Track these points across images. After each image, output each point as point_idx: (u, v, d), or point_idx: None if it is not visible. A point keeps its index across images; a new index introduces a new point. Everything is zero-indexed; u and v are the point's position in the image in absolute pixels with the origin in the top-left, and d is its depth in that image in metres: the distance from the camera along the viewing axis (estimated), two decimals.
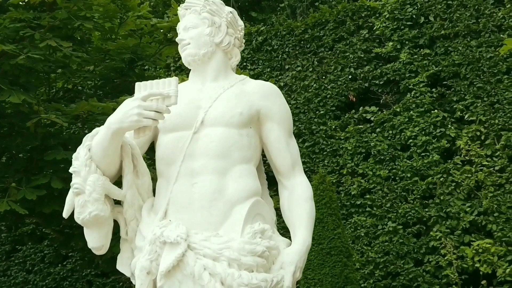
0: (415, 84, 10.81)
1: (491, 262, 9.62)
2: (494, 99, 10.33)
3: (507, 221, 9.74)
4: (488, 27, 10.69)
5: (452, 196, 10.17)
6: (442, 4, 11.05)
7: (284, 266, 3.57)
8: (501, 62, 10.41)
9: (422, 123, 10.57)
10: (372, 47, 11.42)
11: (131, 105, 3.53)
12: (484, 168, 10.08)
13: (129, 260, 3.78)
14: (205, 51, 3.95)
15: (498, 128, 10.18)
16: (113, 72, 8.00)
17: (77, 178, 3.61)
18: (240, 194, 3.64)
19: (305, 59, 11.85)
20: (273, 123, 3.90)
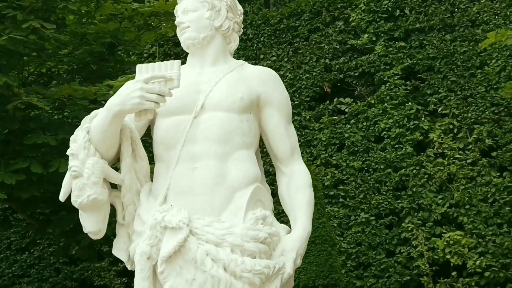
0: (390, 77, 10.88)
1: (462, 254, 9.76)
2: (467, 93, 10.45)
3: (478, 213, 9.89)
4: (462, 21, 10.81)
5: (424, 188, 10.27)
6: None
7: (285, 253, 3.54)
8: (474, 56, 10.54)
9: (396, 115, 10.65)
10: (348, 39, 11.45)
11: (133, 87, 3.46)
12: (456, 161, 10.21)
13: (125, 245, 3.72)
14: (204, 35, 3.90)
15: (471, 122, 10.31)
16: (91, 56, 7.85)
17: (75, 161, 3.54)
18: (242, 180, 3.60)
19: (280, 49, 11.83)
20: (273, 109, 3.87)
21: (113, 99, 3.53)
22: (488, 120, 10.23)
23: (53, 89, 6.55)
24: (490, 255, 9.64)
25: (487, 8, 10.71)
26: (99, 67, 8.00)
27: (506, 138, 10.05)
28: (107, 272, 11.45)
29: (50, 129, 6.55)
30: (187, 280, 3.36)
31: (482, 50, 10.52)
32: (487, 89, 10.36)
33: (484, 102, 10.30)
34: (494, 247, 9.68)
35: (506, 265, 9.62)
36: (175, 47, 12.50)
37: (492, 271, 9.60)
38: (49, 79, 8.48)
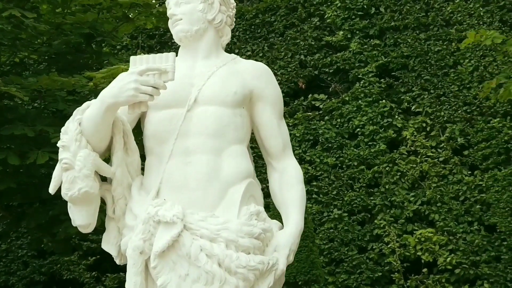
0: (364, 74, 10.93)
1: (433, 251, 9.87)
2: (440, 92, 10.56)
3: (449, 211, 10.01)
4: (437, 21, 10.91)
5: (397, 186, 10.36)
6: None
7: (278, 249, 3.53)
8: (448, 56, 10.65)
9: (370, 112, 10.71)
10: (323, 35, 11.47)
11: (128, 79, 3.40)
12: (428, 159, 10.31)
13: (115, 239, 3.66)
14: (197, 28, 3.86)
15: (444, 121, 10.42)
16: (67, 47, 7.71)
17: (66, 153, 3.47)
18: (236, 175, 3.58)
19: (255, 44, 11.80)
20: (265, 104, 3.85)
21: (107, 90, 3.47)
22: (461, 119, 10.36)
23: (31, 79, 6.43)
24: (461, 253, 9.77)
25: (461, 8, 10.83)
26: (75, 58, 7.86)
27: (478, 137, 10.19)
28: (77, 266, 11.31)
29: (27, 120, 6.42)
30: (180, 275, 3.32)
31: (456, 50, 10.65)
32: (460, 88, 10.48)
33: (457, 101, 10.42)
34: (464, 244, 9.82)
35: (476, 262, 9.76)
36: (149, 39, 12.39)
37: (462, 268, 9.74)
38: (22, 69, 8.31)
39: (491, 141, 10.12)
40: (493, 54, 10.40)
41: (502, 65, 10.22)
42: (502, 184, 9.85)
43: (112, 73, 5.89)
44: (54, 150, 6.42)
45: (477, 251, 9.80)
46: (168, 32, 12.23)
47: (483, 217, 9.91)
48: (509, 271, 9.62)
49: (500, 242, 9.75)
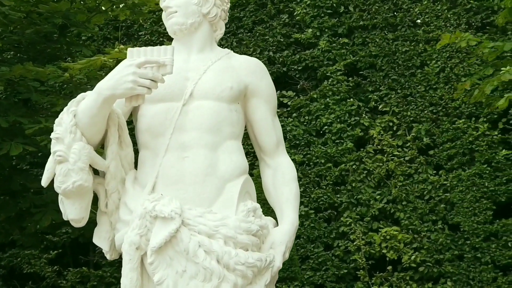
0: (333, 72, 10.98)
1: (397, 249, 9.99)
2: (407, 92, 10.68)
3: (414, 210, 10.14)
4: (404, 21, 11.02)
5: (363, 184, 10.45)
6: None
7: (274, 246, 3.52)
8: (415, 56, 10.77)
9: (338, 110, 10.77)
10: (292, 32, 11.48)
11: (126, 72, 3.34)
12: (395, 158, 10.42)
13: (107, 233, 3.61)
14: (192, 21, 3.82)
15: (410, 120, 10.55)
16: (38, 36, 7.55)
17: (60, 145, 3.40)
18: (232, 170, 3.56)
19: (224, 39, 11.72)
20: (260, 100, 3.84)
21: (104, 82, 3.40)
22: (427, 119, 10.49)
23: (3, 68, 6.26)
24: (425, 251, 9.91)
25: (429, 10, 10.96)
26: (44, 47, 7.71)
27: (443, 137, 10.34)
28: (38, 260, 11.10)
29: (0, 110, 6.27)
30: (178, 271, 3.29)
31: (422, 51, 10.78)
32: (426, 88, 10.61)
33: (423, 102, 10.55)
34: (428, 243, 9.96)
35: (440, 260, 9.92)
36: (115, 31, 12.22)
37: (426, 266, 9.88)
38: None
39: (456, 141, 10.28)
40: (459, 56, 10.57)
41: (468, 66, 10.40)
42: (466, 184, 10.03)
43: (90, 64, 5.78)
44: (28, 141, 6.32)
45: (441, 249, 9.95)
46: (135, 24, 12.10)
47: (447, 216, 10.07)
48: (471, 270, 9.80)
49: (463, 241, 9.92)
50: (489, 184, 9.96)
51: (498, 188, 9.94)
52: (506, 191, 9.91)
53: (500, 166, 10.03)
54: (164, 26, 11.73)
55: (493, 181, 9.99)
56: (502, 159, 10.02)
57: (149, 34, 11.98)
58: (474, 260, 9.83)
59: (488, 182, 9.98)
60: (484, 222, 9.89)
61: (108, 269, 10.88)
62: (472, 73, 10.26)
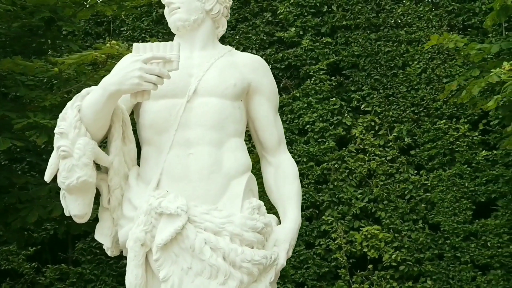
0: (315, 71, 11.01)
1: (378, 248, 10.05)
2: (389, 92, 10.75)
3: (395, 209, 10.21)
4: (387, 22, 11.09)
5: (345, 183, 10.49)
6: None
7: (278, 244, 3.54)
8: (397, 57, 10.85)
9: (320, 109, 10.80)
10: (275, 31, 11.48)
11: (132, 67, 3.32)
12: (376, 157, 10.48)
13: (109, 230, 3.60)
14: (195, 17, 3.82)
15: (392, 120, 10.62)
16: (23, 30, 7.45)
17: (64, 140, 3.37)
18: (237, 168, 3.57)
19: None
20: (262, 97, 3.86)
21: (110, 78, 3.39)
22: (408, 119, 10.57)
23: None
24: (405, 250, 9.99)
25: (411, 11, 11.04)
26: (29, 42, 7.61)
27: (424, 137, 10.43)
28: (16, 256, 10.96)
29: None
30: (183, 268, 3.29)
31: (405, 51, 10.85)
32: (408, 89, 10.69)
33: (405, 102, 10.63)
34: (409, 242, 10.04)
35: (420, 259, 10.01)
36: (97, 26, 12.11)
37: (406, 265, 9.96)
38: None
39: (437, 142, 10.38)
40: (441, 57, 10.67)
41: (449, 68, 10.51)
42: (446, 184, 10.13)
43: (82, 60, 5.73)
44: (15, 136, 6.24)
45: (421, 248, 10.04)
46: (117, 19, 12.01)
47: (427, 216, 10.16)
48: (451, 269, 9.90)
49: (443, 241, 10.02)
50: (469, 185, 10.07)
51: (478, 188, 10.06)
52: (486, 191, 10.03)
53: (480, 166, 10.14)
54: (146, 22, 11.65)
55: (473, 182, 10.10)
56: (482, 160, 10.14)
57: (131, 30, 11.90)
58: (453, 259, 9.94)
59: (468, 182, 10.09)
60: (463, 222, 10.01)
61: (87, 266, 10.80)
62: (453, 74, 10.42)
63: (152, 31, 11.89)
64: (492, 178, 10.07)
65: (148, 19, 11.88)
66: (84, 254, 10.85)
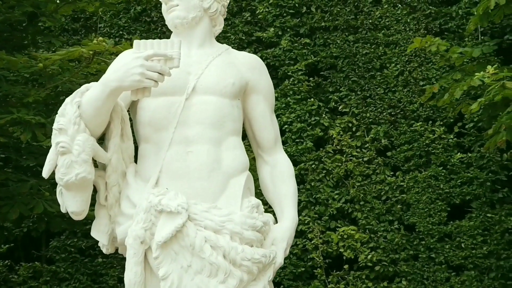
0: (294, 72, 11.05)
1: (354, 248, 10.13)
2: (367, 94, 10.84)
3: (371, 210, 10.30)
4: (365, 24, 11.17)
5: (322, 183, 10.55)
6: None
7: (276, 243, 3.55)
8: (375, 59, 10.94)
9: (298, 110, 10.84)
10: (254, 31, 11.50)
11: (134, 64, 3.31)
12: (353, 158, 10.56)
13: (106, 227, 3.57)
14: (194, 15, 3.81)
15: (369, 122, 10.71)
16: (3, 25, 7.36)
17: (63, 136, 3.34)
18: (236, 166, 3.58)
19: None
20: (259, 96, 3.87)
21: (111, 74, 3.37)
22: (385, 121, 10.67)
23: None
24: (381, 250, 10.09)
25: (389, 14, 11.14)
26: (12, 37, 7.52)
27: (401, 139, 10.53)
28: None
29: None
30: (182, 266, 3.28)
31: (382, 54, 10.95)
32: (386, 91, 10.80)
33: (382, 104, 10.73)
34: (385, 242, 10.13)
35: (395, 260, 10.11)
36: (73, 22, 12.00)
37: (382, 265, 10.05)
38: None
39: (413, 143, 10.49)
40: (418, 60, 10.79)
41: (426, 71, 10.64)
42: (422, 186, 10.25)
43: (69, 56, 5.68)
44: None
45: (397, 249, 10.14)
46: (94, 16, 11.91)
47: (403, 217, 10.27)
48: (426, 269, 10.02)
49: (418, 242, 10.14)
50: (444, 186, 10.21)
51: (453, 190, 10.19)
52: (460, 193, 10.17)
53: (455, 169, 10.28)
54: (124, 19, 11.55)
55: (448, 183, 10.24)
56: (457, 162, 10.28)
57: (108, 27, 11.81)
58: (428, 260, 10.06)
59: (443, 184, 10.22)
60: (438, 223, 10.13)
61: (61, 264, 10.68)
62: (430, 77, 10.56)
63: (130, 29, 11.83)
64: (467, 180, 10.22)
65: (126, 16, 11.82)
66: (58, 252, 10.74)
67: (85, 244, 10.66)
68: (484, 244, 9.95)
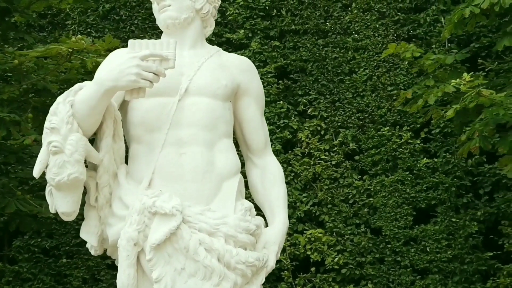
0: (264, 74, 11.05)
1: (321, 251, 10.19)
2: (335, 98, 10.91)
3: (338, 213, 10.37)
4: (335, 28, 11.25)
5: (290, 186, 10.57)
6: (295, 0, 11.41)
7: (268, 246, 3.55)
8: (344, 63, 11.02)
9: (268, 112, 10.84)
10: (224, 32, 11.48)
11: (129, 64, 3.28)
12: (321, 161, 10.62)
13: (96, 228, 3.52)
14: (186, 16, 3.80)
15: (337, 125, 10.78)
16: None
17: (55, 136, 3.29)
18: (229, 168, 3.57)
19: (154, 34, 11.58)
20: (250, 99, 3.87)
21: (105, 73, 3.32)
22: (353, 125, 10.76)
23: None
24: (348, 253, 10.16)
25: (359, 19, 11.23)
26: None
27: (369, 143, 10.63)
28: None
29: None
30: (176, 269, 3.26)
31: (351, 58, 11.04)
32: (354, 95, 10.88)
33: (351, 108, 10.81)
34: (351, 245, 10.22)
35: (362, 263, 10.20)
36: (40, 19, 11.79)
37: (348, 268, 10.13)
38: None
39: (381, 148, 10.60)
40: (386, 66, 10.91)
41: (394, 76, 10.75)
42: (388, 190, 10.36)
43: (47, 53, 5.59)
44: None
45: (363, 252, 10.23)
46: (61, 13, 11.73)
47: (370, 220, 10.36)
48: (391, 273, 10.13)
49: (384, 245, 10.24)
50: (410, 191, 10.34)
51: (419, 194, 10.33)
52: (426, 198, 10.31)
53: (421, 173, 10.43)
54: (93, 17, 11.37)
55: (414, 188, 10.37)
56: (423, 167, 10.43)
57: (76, 24, 11.65)
58: (394, 263, 10.18)
59: (410, 188, 10.36)
60: (404, 227, 10.26)
61: (24, 265, 10.48)
62: (398, 83, 10.70)
63: (98, 27, 11.68)
64: (432, 185, 10.37)
65: (94, 14, 11.66)
66: (21, 252, 10.53)
67: (49, 244, 10.49)
68: (448, 248, 10.10)
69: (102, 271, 10.31)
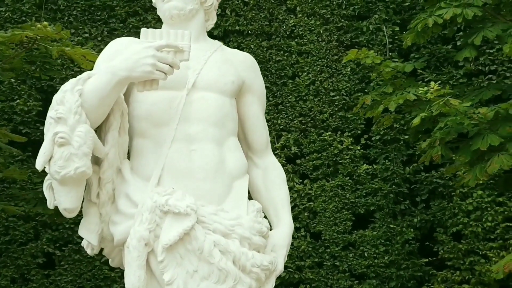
0: None
1: None
2: (278, 101, 10.88)
3: None
4: (279, 31, 11.22)
5: None
6: (239, 1, 11.32)
7: (276, 249, 3.44)
8: (288, 67, 11.01)
9: None
10: None
11: (145, 53, 3.10)
12: None
13: (96, 226, 3.29)
14: (191, 7, 3.65)
15: (280, 129, 10.75)
16: None
17: (62, 126, 3.06)
18: (239, 168, 3.44)
19: (94, 27, 11.22)
20: (253, 96, 3.76)
21: (119, 63, 3.13)
22: (296, 129, 10.75)
23: None
24: (287, 257, 10.10)
25: (303, 23, 11.25)
26: None
27: (310, 147, 10.65)
28: None
29: None
30: (188, 271, 3.10)
31: (295, 62, 11.04)
32: (297, 99, 10.88)
33: (293, 112, 10.81)
34: (291, 249, 10.11)
35: (301, 267, 10.19)
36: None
37: (287, 272, 10.09)
38: None
39: (322, 153, 10.64)
40: (329, 71, 10.98)
41: (336, 82, 10.83)
42: (329, 195, 10.42)
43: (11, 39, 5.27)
44: None
45: (302, 256, 10.23)
46: None
47: (309, 224, 10.38)
48: (330, 277, 10.17)
49: (323, 249, 10.28)
50: (350, 196, 10.42)
51: (358, 200, 10.44)
52: (365, 203, 10.43)
53: (361, 179, 10.53)
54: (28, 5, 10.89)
55: (353, 193, 10.47)
56: (363, 173, 10.54)
57: (10, 11, 11.12)
58: (332, 267, 10.22)
59: (349, 194, 10.44)
60: (343, 232, 10.33)
61: None
62: (340, 89, 10.78)
63: (34, 15, 11.18)
64: (371, 191, 10.49)
65: (30, 2, 11.17)
66: None
67: None
68: (385, 254, 10.24)
69: (33, 270, 9.84)
